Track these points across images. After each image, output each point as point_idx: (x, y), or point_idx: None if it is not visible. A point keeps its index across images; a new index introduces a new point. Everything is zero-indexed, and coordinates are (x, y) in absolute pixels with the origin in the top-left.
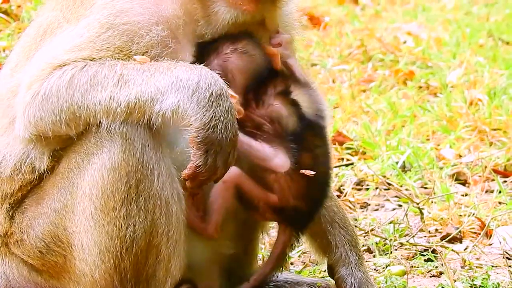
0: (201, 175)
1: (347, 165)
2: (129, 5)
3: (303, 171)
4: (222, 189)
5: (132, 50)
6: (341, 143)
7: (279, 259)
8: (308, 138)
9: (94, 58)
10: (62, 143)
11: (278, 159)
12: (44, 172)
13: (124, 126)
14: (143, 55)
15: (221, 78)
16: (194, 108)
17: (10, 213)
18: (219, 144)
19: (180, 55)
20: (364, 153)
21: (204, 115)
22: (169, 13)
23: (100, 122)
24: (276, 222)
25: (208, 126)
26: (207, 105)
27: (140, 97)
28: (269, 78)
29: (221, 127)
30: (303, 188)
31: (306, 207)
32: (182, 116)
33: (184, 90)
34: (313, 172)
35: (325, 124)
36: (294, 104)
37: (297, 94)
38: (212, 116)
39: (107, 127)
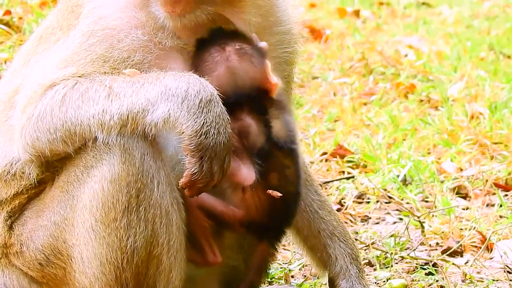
0: (198, 182)
1: (348, 178)
2: (109, 11)
3: (270, 191)
4: (190, 214)
5: (113, 56)
6: (342, 156)
7: (260, 268)
8: (276, 158)
9: (83, 75)
10: (55, 156)
11: (243, 172)
12: (35, 180)
13: (121, 137)
14: (125, 60)
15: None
16: (185, 115)
17: (9, 223)
18: (213, 150)
19: (166, 61)
20: (365, 166)
21: (195, 122)
22: (146, 18)
23: (96, 136)
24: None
25: (200, 132)
26: (197, 112)
27: (132, 108)
28: (251, 93)
29: (213, 132)
30: (268, 207)
31: (272, 224)
32: (173, 125)
33: (174, 98)
34: (279, 194)
35: (296, 148)
36: (266, 125)
37: (272, 115)
38: (203, 122)
39: (104, 140)
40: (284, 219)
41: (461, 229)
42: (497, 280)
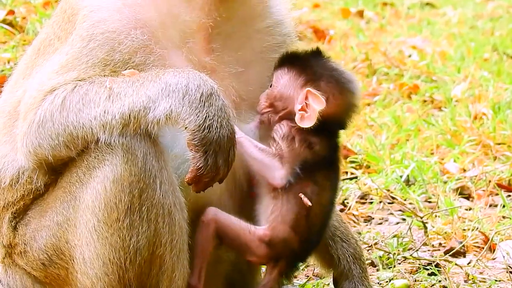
0: (204, 176)
1: (351, 179)
2: (107, 14)
3: (301, 195)
4: (202, 230)
5: (115, 59)
6: (345, 157)
7: None
8: (317, 174)
9: (83, 79)
10: (59, 162)
11: (280, 172)
12: (43, 185)
13: (123, 138)
14: (127, 62)
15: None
16: (187, 110)
17: (13, 223)
18: (217, 144)
19: (168, 60)
20: (368, 166)
21: (197, 116)
22: (146, 17)
23: (98, 138)
24: (265, 261)
25: (203, 126)
26: (199, 106)
27: (133, 107)
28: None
29: (216, 126)
30: (297, 216)
31: (297, 242)
32: (176, 120)
33: (175, 94)
34: (309, 203)
35: (337, 178)
36: (318, 143)
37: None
38: (206, 116)
39: (106, 140)
40: (310, 240)
41: (464, 230)
42: (499, 281)
